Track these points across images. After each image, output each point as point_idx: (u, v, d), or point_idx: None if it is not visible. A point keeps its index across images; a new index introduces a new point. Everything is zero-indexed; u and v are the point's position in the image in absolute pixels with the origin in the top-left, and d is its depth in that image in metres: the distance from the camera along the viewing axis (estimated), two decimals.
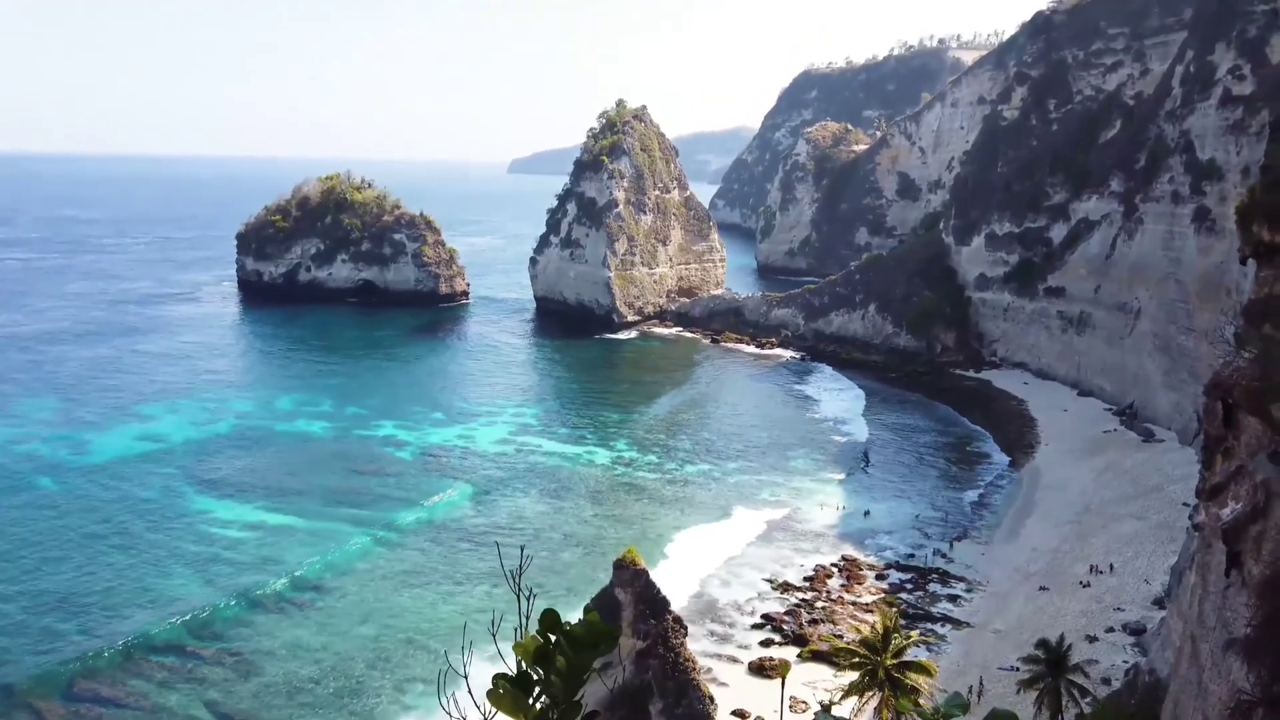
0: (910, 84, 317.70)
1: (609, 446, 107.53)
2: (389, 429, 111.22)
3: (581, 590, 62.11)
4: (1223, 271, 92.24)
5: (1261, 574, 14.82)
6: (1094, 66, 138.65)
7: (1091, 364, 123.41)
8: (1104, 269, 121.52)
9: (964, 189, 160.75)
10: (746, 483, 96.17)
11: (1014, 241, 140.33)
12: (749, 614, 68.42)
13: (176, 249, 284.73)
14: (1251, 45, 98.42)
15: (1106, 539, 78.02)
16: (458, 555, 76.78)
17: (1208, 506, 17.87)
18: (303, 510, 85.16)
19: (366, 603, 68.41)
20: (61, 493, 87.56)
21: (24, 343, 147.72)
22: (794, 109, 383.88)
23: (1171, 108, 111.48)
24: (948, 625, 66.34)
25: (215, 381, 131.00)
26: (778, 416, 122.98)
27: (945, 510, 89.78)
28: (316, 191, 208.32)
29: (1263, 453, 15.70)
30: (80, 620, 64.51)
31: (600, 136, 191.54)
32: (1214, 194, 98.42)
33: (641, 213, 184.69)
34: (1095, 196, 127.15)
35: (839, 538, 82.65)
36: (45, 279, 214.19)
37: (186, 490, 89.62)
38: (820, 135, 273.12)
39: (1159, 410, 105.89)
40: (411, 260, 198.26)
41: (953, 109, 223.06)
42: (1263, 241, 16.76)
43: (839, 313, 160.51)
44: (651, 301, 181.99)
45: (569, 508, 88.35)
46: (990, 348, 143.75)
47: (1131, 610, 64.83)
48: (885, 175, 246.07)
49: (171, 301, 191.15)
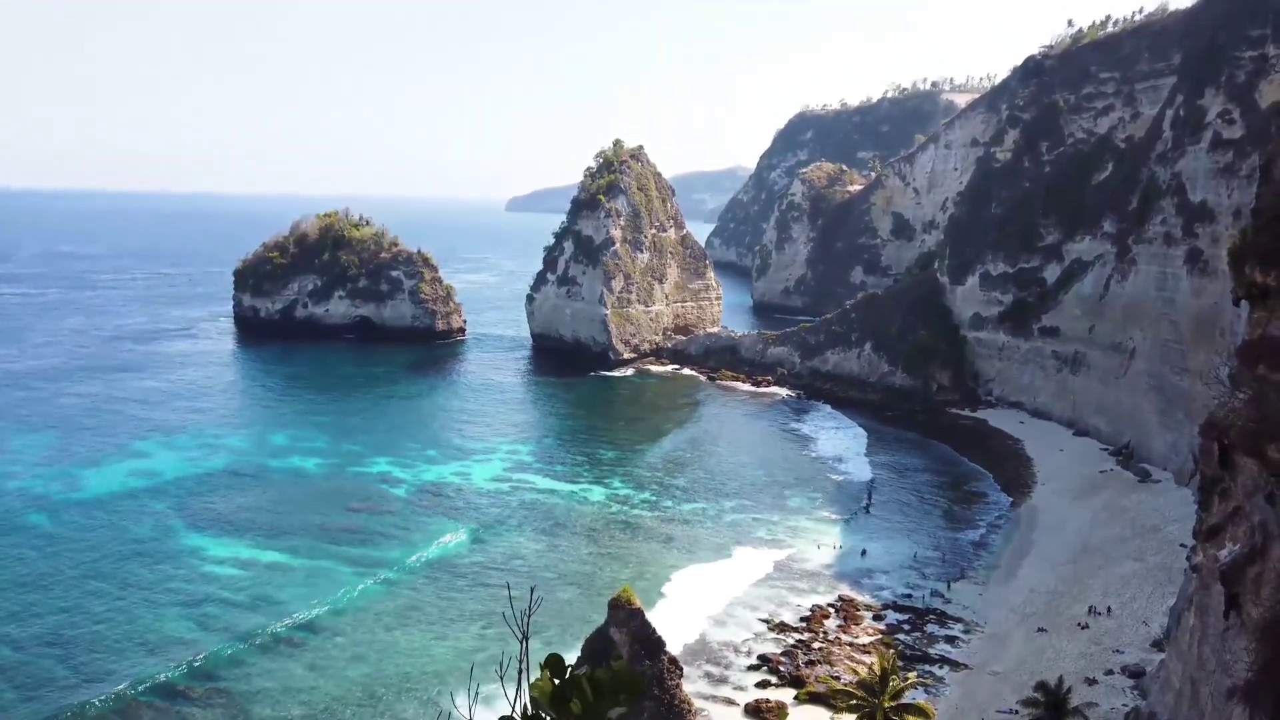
0: (904, 126, 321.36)
1: (605, 484, 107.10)
2: (384, 466, 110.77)
3: (577, 630, 61.43)
4: (1216, 312, 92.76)
5: (1261, 617, 14.77)
6: (1085, 110, 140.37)
7: (1087, 404, 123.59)
8: (1098, 309, 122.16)
9: (958, 229, 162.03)
10: (743, 521, 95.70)
11: (1008, 281, 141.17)
12: (745, 655, 67.72)
13: (174, 285, 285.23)
14: (1240, 90, 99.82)
15: (1104, 580, 77.60)
16: (451, 594, 76.11)
17: (1205, 548, 17.83)
18: (295, 548, 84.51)
19: (359, 642, 67.66)
20: (54, 529, 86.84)
21: (20, 378, 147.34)
22: (789, 149, 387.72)
23: (1163, 150, 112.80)
24: (945, 667, 65.68)
25: (210, 418, 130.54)
26: (774, 455, 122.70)
27: (942, 550, 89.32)
28: (315, 228, 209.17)
29: (1259, 494, 15.71)
30: (71, 661, 63.65)
31: (597, 175, 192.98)
32: (1206, 236, 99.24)
33: (638, 251, 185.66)
34: (1088, 237, 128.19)
35: (836, 577, 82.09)
36: (43, 314, 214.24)
37: (179, 527, 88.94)
38: (815, 175, 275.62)
39: (1155, 450, 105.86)
40: (408, 297, 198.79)
41: (946, 150, 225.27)
42: (1255, 283, 16.90)
43: (835, 351, 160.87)
44: (648, 339, 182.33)
45: (564, 546, 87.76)
46: (986, 387, 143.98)
47: (1131, 652, 64.33)
48: (880, 215, 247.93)
49: (168, 337, 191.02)
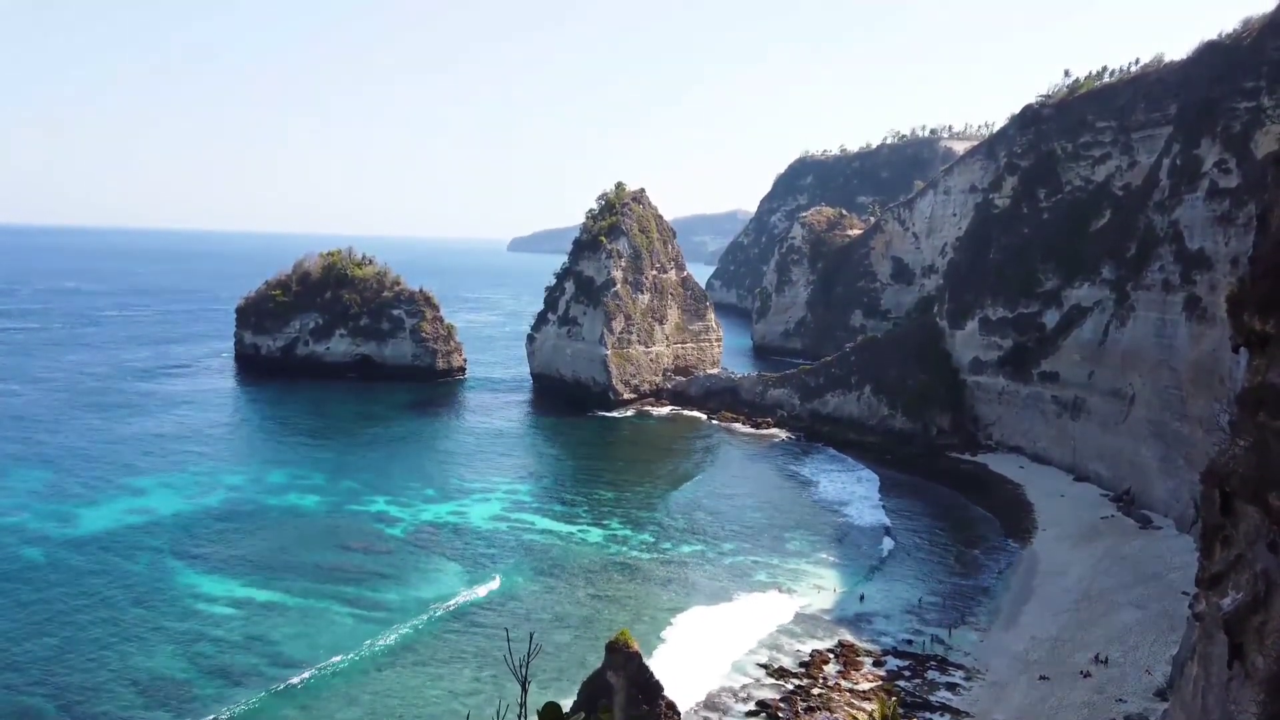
0: (903, 171, 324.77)
1: (603, 525, 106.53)
2: (382, 505, 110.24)
3: (573, 674, 60.76)
4: (1215, 359, 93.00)
5: (1267, 668, 14.69)
6: (1083, 158, 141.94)
7: (1087, 449, 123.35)
8: (1097, 355, 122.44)
9: (957, 274, 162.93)
10: (742, 564, 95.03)
11: (1007, 326, 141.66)
12: (743, 700, 66.87)
13: (176, 322, 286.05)
14: (1236, 140, 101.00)
15: (1107, 627, 76.89)
16: (447, 635, 75.37)
17: (1208, 596, 17.76)
18: (291, 588, 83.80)
19: (353, 684, 66.87)
20: (48, 565, 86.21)
21: (19, 413, 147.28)
22: (789, 194, 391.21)
23: (1160, 199, 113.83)
24: (947, 715, 64.83)
25: (208, 455, 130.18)
26: (773, 497, 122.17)
27: (942, 595, 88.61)
28: (317, 267, 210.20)
29: (1261, 541, 15.70)
30: (61, 699, 62.84)
31: (599, 217, 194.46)
32: (1204, 283, 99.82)
33: (639, 292, 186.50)
34: (1087, 283, 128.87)
35: (835, 622, 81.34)
36: (44, 350, 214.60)
37: (175, 565, 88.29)
38: (815, 220, 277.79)
39: (1155, 497, 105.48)
40: (409, 336, 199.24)
41: (945, 196, 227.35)
42: (1254, 330, 17.00)
43: (835, 394, 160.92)
44: (648, 380, 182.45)
45: (562, 587, 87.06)
46: (986, 431, 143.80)
47: (1134, 701, 63.54)
48: (879, 259, 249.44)
49: (168, 374, 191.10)
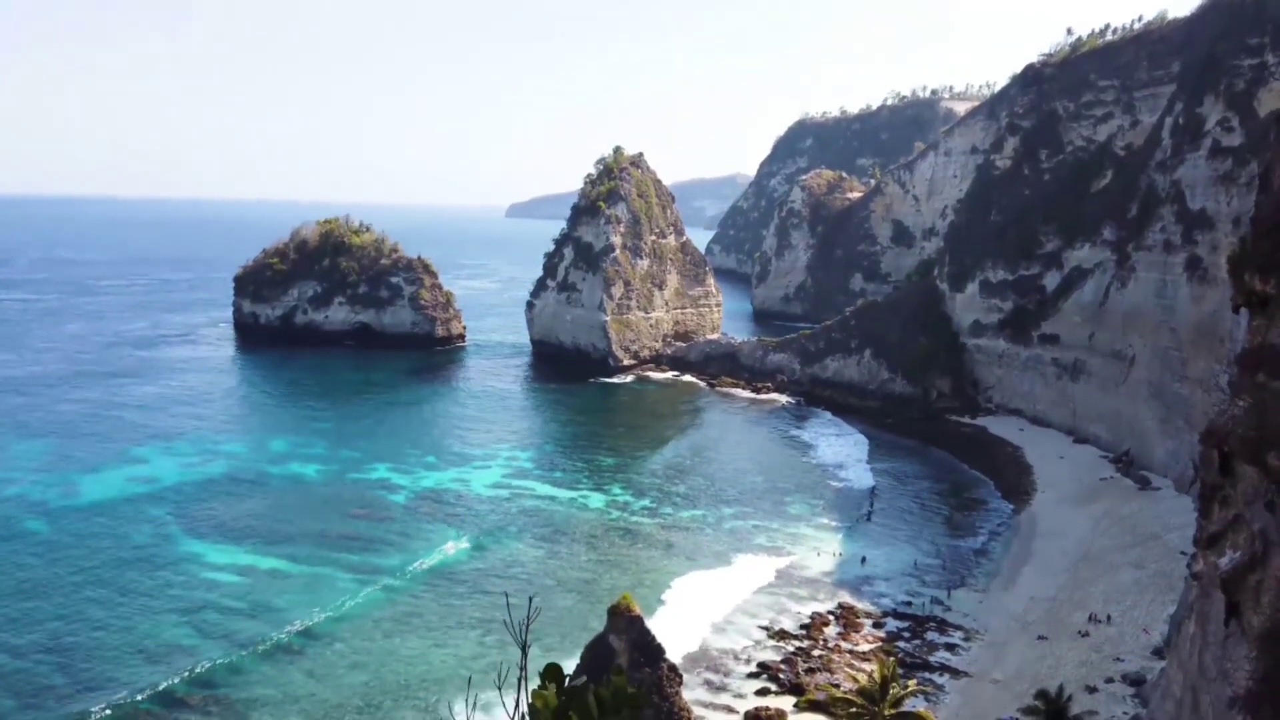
0: (903, 133, 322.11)
1: (604, 490, 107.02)
2: (383, 472, 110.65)
3: (576, 637, 61.32)
4: (1215, 320, 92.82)
5: (1261, 625, 14.74)
6: (1084, 118, 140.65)
7: (1086, 411, 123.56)
8: (1098, 316, 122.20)
9: (957, 236, 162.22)
10: (743, 528, 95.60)
11: (1008, 289, 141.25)
12: (745, 662, 67.57)
13: (174, 291, 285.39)
14: (1239, 99, 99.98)
15: (1105, 587, 77.49)
16: (450, 601, 75.97)
17: (1205, 555, 17.81)
18: (295, 555, 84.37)
19: (357, 650, 67.50)
20: (53, 536, 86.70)
21: (19, 384, 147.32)
22: (789, 157, 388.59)
23: (1162, 159, 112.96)
24: (946, 675, 65.55)
25: (209, 424, 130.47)
26: (774, 461, 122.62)
27: (942, 557, 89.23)
28: (315, 235, 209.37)
29: (1259, 501, 15.70)
30: (69, 668, 63.52)
31: (598, 182, 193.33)
32: (1205, 243, 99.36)
33: (638, 257, 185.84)
34: (1088, 245, 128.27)
35: (835, 585, 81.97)
36: (42, 320, 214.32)
37: (178, 534, 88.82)
38: (815, 183, 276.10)
39: (1155, 458, 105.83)
40: (408, 303, 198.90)
41: (946, 158, 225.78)
42: (1255, 291, 16.89)
43: (834, 358, 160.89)
44: (647, 345, 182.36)
45: (563, 552, 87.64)
46: (986, 394, 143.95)
47: (1131, 660, 64.20)
48: (879, 222, 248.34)
49: (167, 343, 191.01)
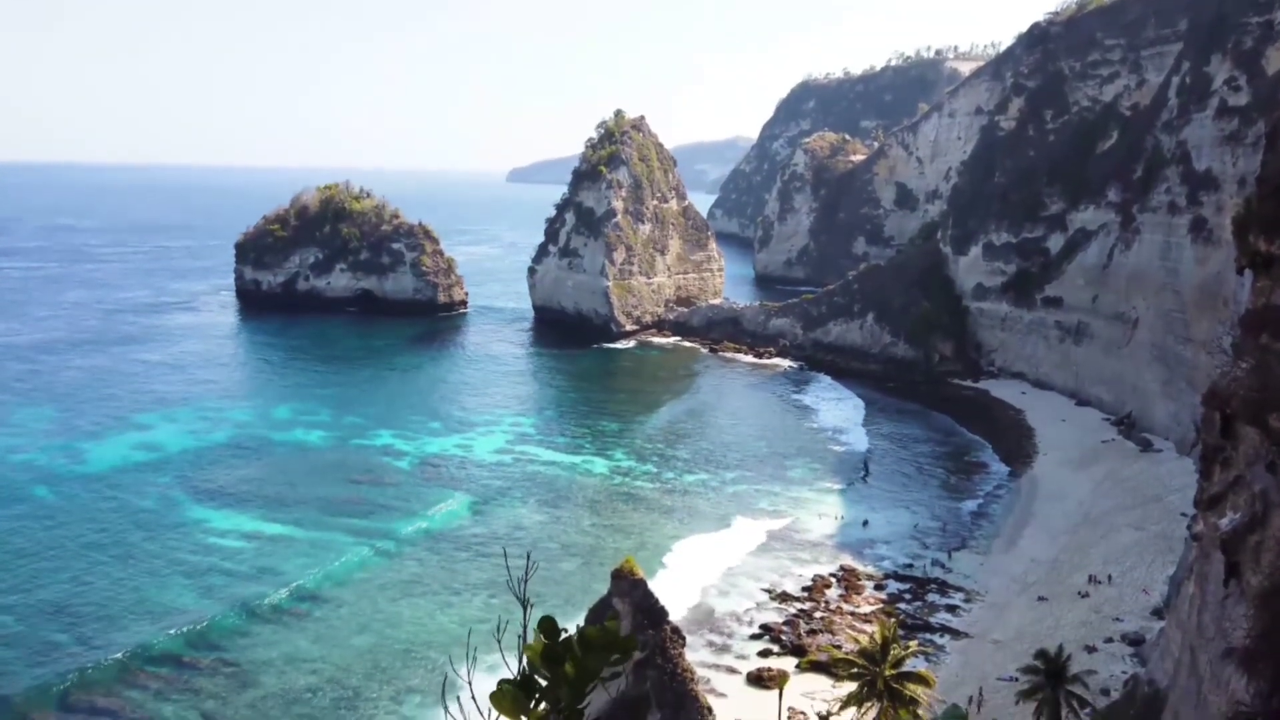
0: (907, 95, 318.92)
1: (607, 456, 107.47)
2: (387, 438, 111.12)
3: (579, 600, 61.91)
4: (1219, 281, 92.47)
5: (1260, 585, 14.84)
6: (1090, 77, 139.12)
7: (1089, 374, 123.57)
8: (1101, 279, 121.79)
9: (961, 199, 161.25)
10: (745, 492, 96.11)
11: (1011, 252, 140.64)
12: (747, 624, 68.28)
13: (175, 258, 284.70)
14: (1247, 57, 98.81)
15: (1105, 549, 78.00)
16: (455, 565, 76.65)
17: (1206, 516, 17.90)
18: (300, 520, 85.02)
19: (364, 613, 68.25)
20: (58, 502, 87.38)
21: (21, 352, 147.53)
22: (792, 119, 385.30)
23: (1168, 119, 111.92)
24: (946, 636, 66.24)
25: (213, 390, 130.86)
26: (776, 426, 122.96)
27: (943, 520, 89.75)
28: (315, 201, 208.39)
29: (1260, 463, 15.74)
30: (76, 631, 64.29)
31: (599, 146, 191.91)
32: (1210, 204, 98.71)
33: (640, 222, 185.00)
34: (1092, 207, 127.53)
35: (837, 547, 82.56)
36: (43, 288, 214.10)
37: (183, 500, 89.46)
38: (818, 145, 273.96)
39: (1157, 420, 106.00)
40: (410, 269, 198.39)
41: (950, 119, 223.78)
42: (1259, 252, 16.82)
43: (837, 322, 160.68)
44: (650, 311, 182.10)
45: (566, 517, 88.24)
46: (988, 357, 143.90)
47: (1130, 621, 64.78)
48: (883, 185, 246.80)
49: (169, 310, 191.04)
